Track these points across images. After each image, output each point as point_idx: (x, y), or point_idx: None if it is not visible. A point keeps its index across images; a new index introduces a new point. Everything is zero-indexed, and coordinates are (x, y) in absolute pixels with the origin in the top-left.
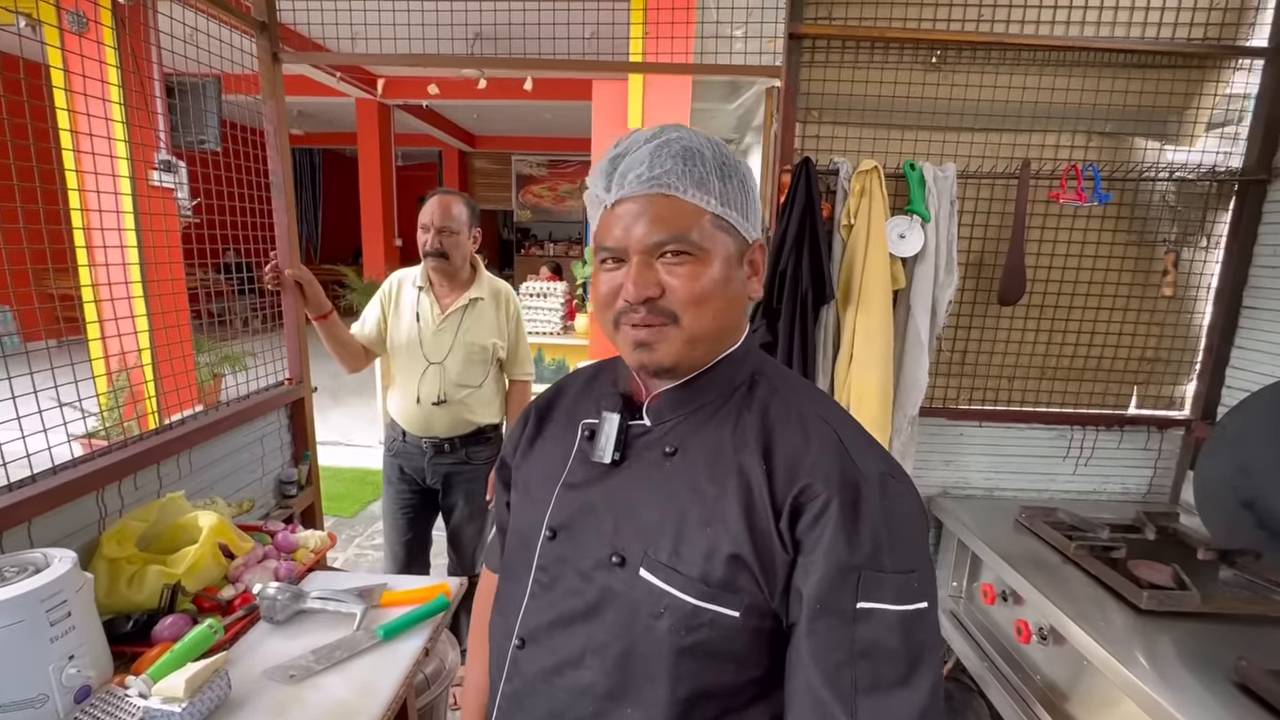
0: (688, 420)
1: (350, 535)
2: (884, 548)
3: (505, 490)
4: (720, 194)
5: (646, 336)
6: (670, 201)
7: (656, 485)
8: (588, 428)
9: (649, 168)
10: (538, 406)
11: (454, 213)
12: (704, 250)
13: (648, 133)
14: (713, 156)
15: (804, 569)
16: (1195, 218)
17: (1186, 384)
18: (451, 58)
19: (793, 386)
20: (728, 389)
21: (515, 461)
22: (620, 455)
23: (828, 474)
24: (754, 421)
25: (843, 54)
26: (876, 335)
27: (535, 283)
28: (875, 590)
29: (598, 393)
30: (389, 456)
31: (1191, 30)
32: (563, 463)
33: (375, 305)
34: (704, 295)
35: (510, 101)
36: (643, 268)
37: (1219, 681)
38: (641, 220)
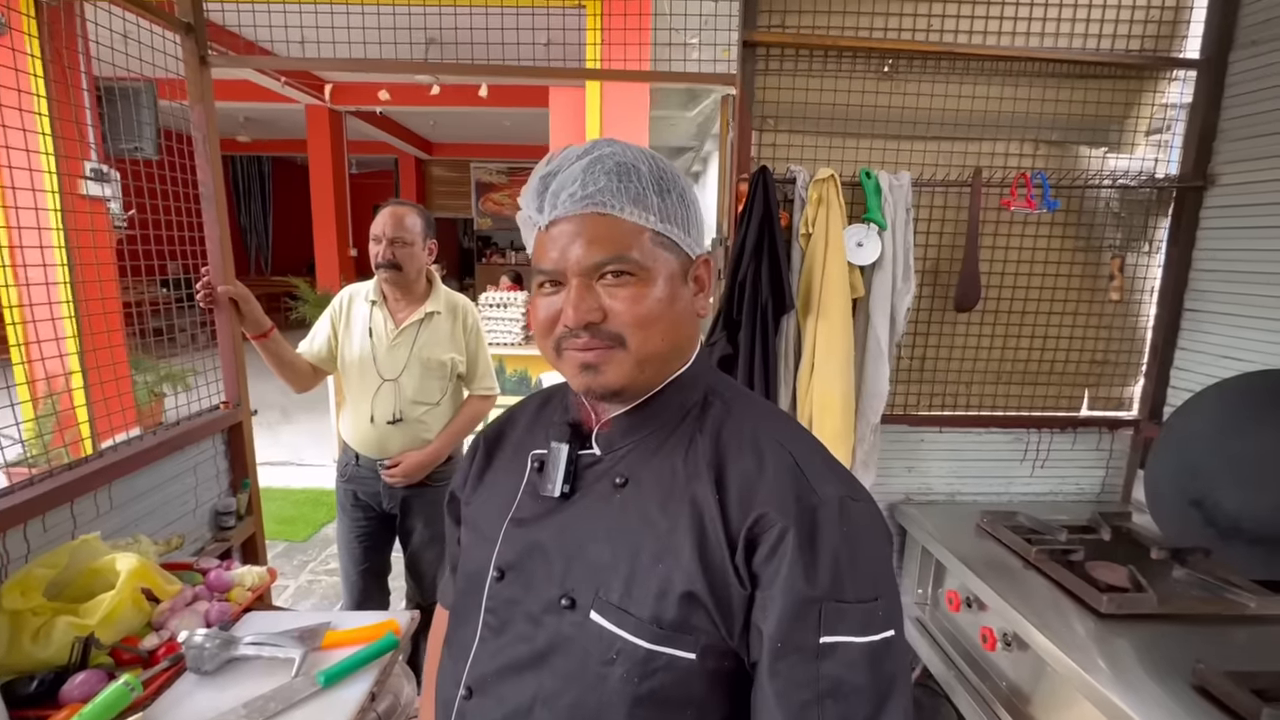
0: (639, 448)
1: (303, 560)
2: (845, 576)
3: (456, 525)
4: (659, 210)
5: (593, 358)
6: (607, 220)
7: (608, 519)
8: (537, 459)
9: (581, 186)
10: (486, 437)
11: (407, 223)
12: (646, 269)
13: (579, 149)
14: (649, 171)
15: (762, 605)
16: (1138, 223)
17: (1134, 385)
18: (400, 63)
19: (747, 407)
20: (679, 412)
21: (465, 495)
22: (570, 487)
23: (783, 502)
24: (706, 447)
25: (796, 62)
26: (837, 344)
27: (496, 293)
28: (839, 623)
29: (548, 421)
30: (341, 482)
31: (1130, 41)
32: (511, 497)
33: (325, 321)
34: (649, 316)
35: (467, 108)
36: (582, 291)
37: (1178, 684)
38: (578, 241)
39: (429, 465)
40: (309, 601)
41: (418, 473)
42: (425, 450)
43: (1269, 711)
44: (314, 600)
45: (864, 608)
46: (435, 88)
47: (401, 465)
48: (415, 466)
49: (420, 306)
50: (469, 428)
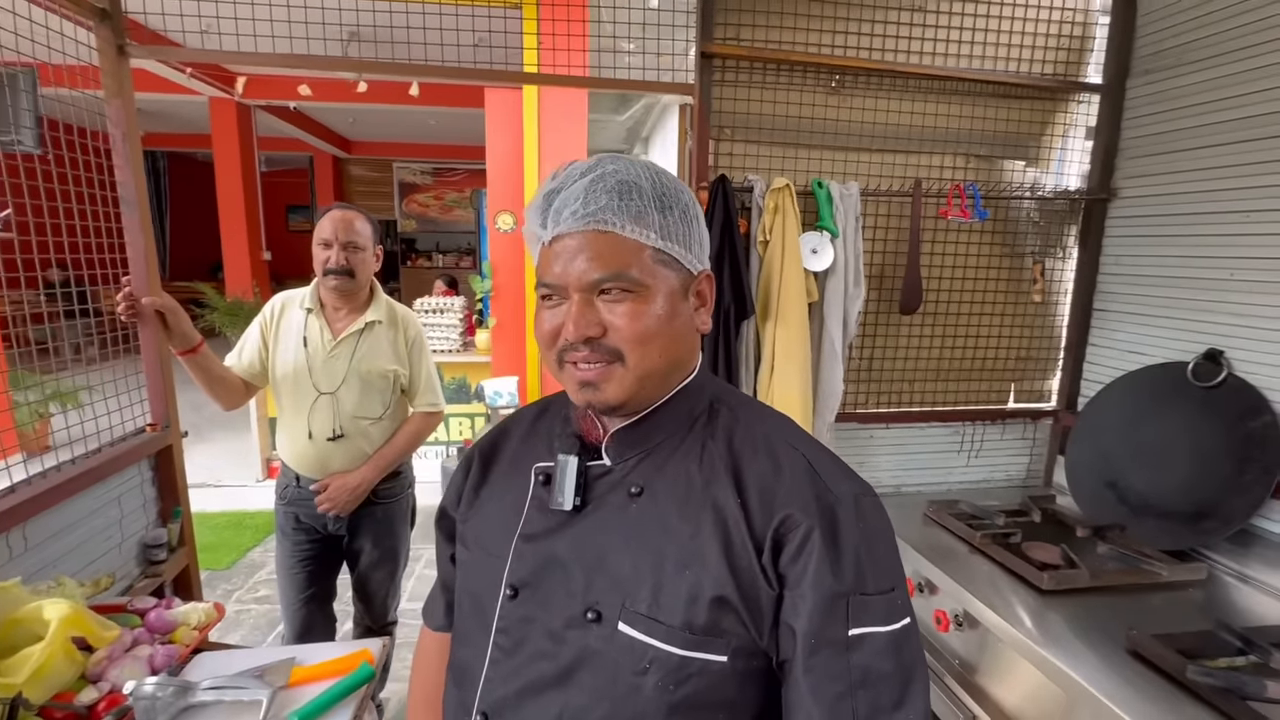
0: (651, 456)
1: (227, 590)
2: (866, 570)
3: (448, 543)
4: (660, 227)
5: (593, 376)
6: (608, 238)
7: (626, 529)
8: (541, 472)
9: (584, 204)
10: (481, 450)
11: (358, 227)
12: (645, 286)
13: (583, 165)
14: (651, 189)
15: (792, 604)
16: (1055, 231)
17: (1053, 379)
18: (327, 59)
19: (754, 412)
20: (687, 420)
21: (460, 513)
22: (582, 500)
23: (805, 502)
24: (720, 452)
25: (751, 74)
26: (795, 347)
27: (430, 299)
28: (864, 614)
29: (548, 433)
30: (281, 505)
31: (1045, 66)
32: (517, 512)
33: (254, 332)
34: (648, 333)
35: (390, 106)
36: (583, 306)
37: (1113, 649)
38: (579, 257)
39: (360, 491)
40: (238, 634)
41: (346, 499)
42: (355, 473)
43: (1193, 668)
44: (243, 632)
45: (885, 598)
46: (362, 84)
47: (329, 490)
48: (341, 491)
49: (360, 316)
50: (409, 447)
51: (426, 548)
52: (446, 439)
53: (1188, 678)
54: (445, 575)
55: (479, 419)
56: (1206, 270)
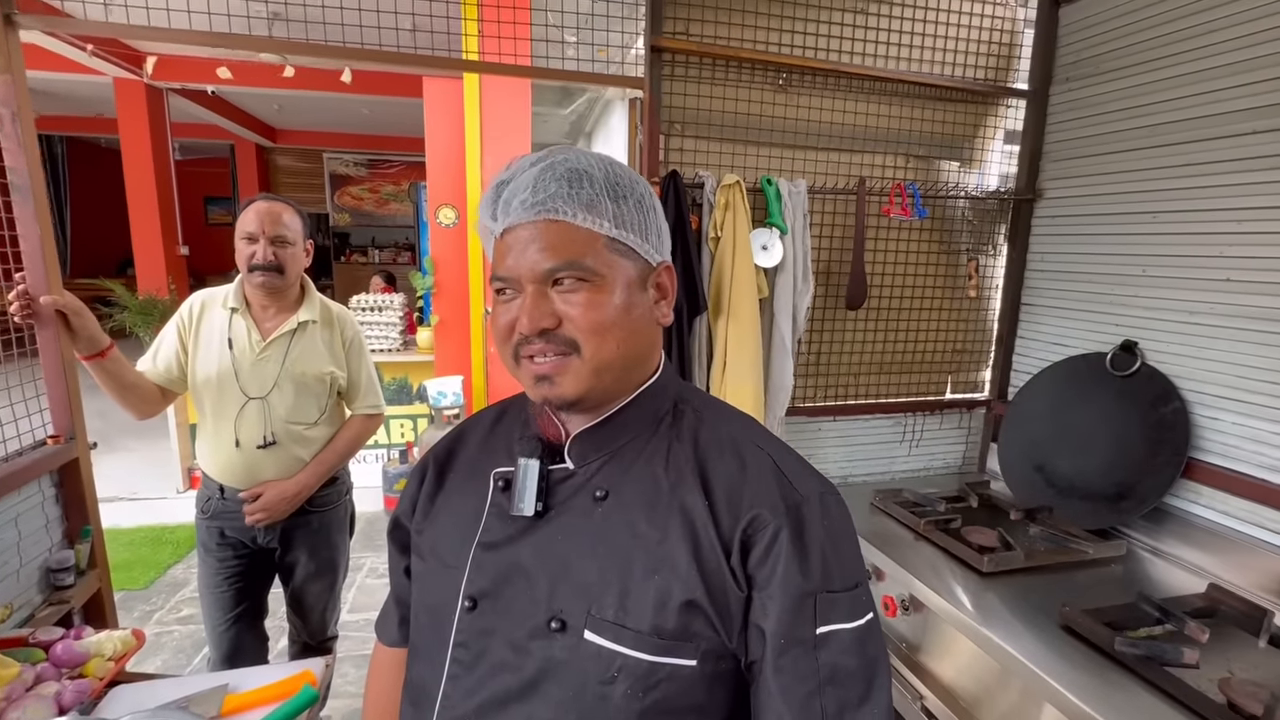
0: (615, 459)
1: (146, 610)
2: (832, 567)
3: (402, 555)
4: (614, 216)
5: (548, 369)
6: (559, 227)
7: (591, 535)
8: (501, 477)
9: (533, 193)
10: (436, 456)
11: (286, 220)
12: (600, 276)
13: (533, 157)
14: (604, 177)
15: (761, 605)
16: (987, 230)
17: (985, 370)
18: (245, 39)
19: (718, 413)
20: (652, 421)
21: (415, 523)
22: (544, 505)
23: (772, 502)
24: (686, 453)
25: (700, 70)
26: (747, 343)
27: (368, 296)
28: (831, 612)
29: (507, 436)
30: (204, 520)
31: (978, 71)
32: (475, 520)
33: (170, 334)
34: (604, 323)
35: (320, 93)
36: (537, 297)
37: (1049, 624)
38: (531, 247)
39: (297, 499)
40: (159, 658)
41: (282, 508)
42: (293, 480)
43: (1120, 640)
44: (165, 656)
45: (850, 595)
46: (289, 69)
47: (263, 498)
48: (278, 500)
49: (292, 315)
50: (349, 451)
51: (368, 556)
52: (388, 441)
53: (1115, 649)
54: (399, 589)
55: (422, 420)
56: (1122, 267)
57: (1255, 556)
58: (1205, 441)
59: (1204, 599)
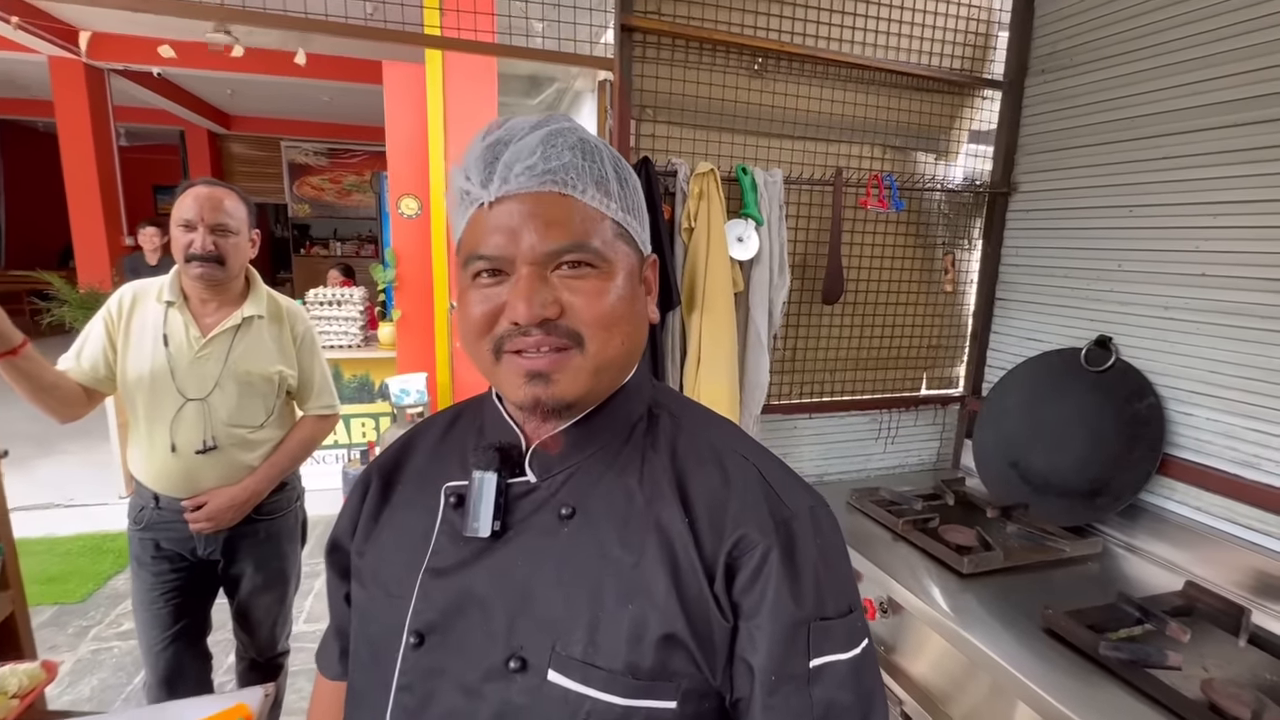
0: (583, 470)
1: (82, 626)
2: (826, 591)
3: (342, 580)
4: (620, 198)
5: (545, 365)
6: (567, 202)
7: (555, 559)
8: (453, 492)
9: (543, 159)
10: (381, 467)
11: (227, 207)
12: (607, 261)
13: (530, 119)
14: (609, 155)
15: (749, 636)
16: (962, 224)
17: (960, 365)
18: (176, 4)
19: (695, 417)
20: (626, 427)
21: (355, 544)
22: (501, 525)
23: (760, 520)
24: (663, 464)
25: (673, 52)
26: (722, 338)
27: (326, 289)
28: (825, 642)
29: (460, 445)
30: (137, 531)
31: (954, 60)
32: (424, 541)
33: (97, 329)
34: (612, 316)
35: (274, 78)
36: (535, 281)
37: (1029, 627)
38: (532, 223)
39: (246, 505)
40: (97, 677)
41: (230, 516)
42: (241, 486)
43: (1104, 644)
44: (104, 675)
45: (845, 621)
46: (237, 49)
47: (209, 505)
48: (227, 507)
49: (235, 310)
50: (302, 454)
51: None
52: (348, 441)
53: (1100, 654)
54: (339, 618)
55: (384, 419)
56: (1097, 261)
57: (1230, 553)
58: (1179, 437)
59: (1181, 597)
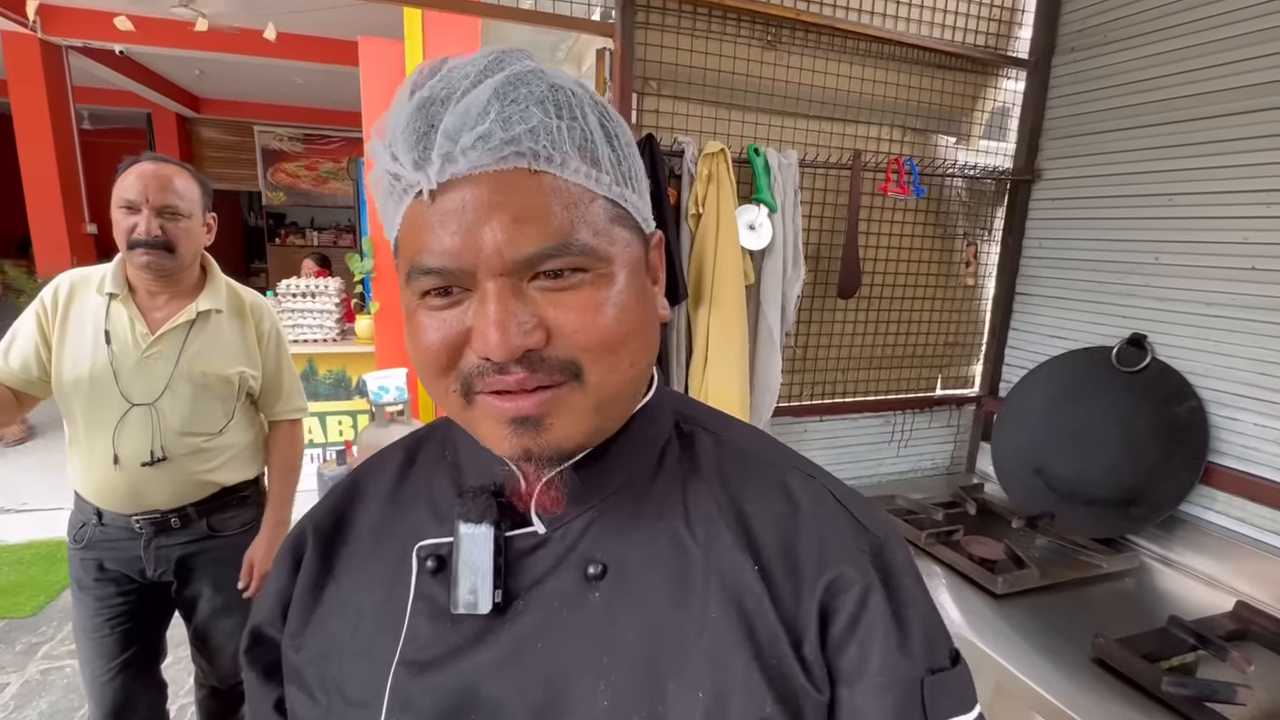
0: (608, 513)
1: (31, 643)
2: (934, 633)
3: (267, 684)
4: (612, 165)
5: (534, 408)
6: (542, 182)
7: (588, 636)
8: (429, 554)
9: (501, 123)
10: (317, 526)
11: (177, 186)
12: (604, 260)
13: (477, 60)
14: (591, 104)
15: (852, 709)
16: (983, 212)
17: (976, 364)
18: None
19: (736, 431)
20: (654, 453)
21: (287, 633)
22: (505, 594)
23: (852, 554)
24: (712, 495)
25: (679, 19)
26: (733, 335)
27: (299, 280)
28: (942, 698)
29: (428, 487)
30: (78, 550)
31: (977, 37)
32: (392, 625)
33: (28, 324)
34: (616, 333)
35: (244, 57)
36: (509, 298)
37: (1074, 655)
38: (496, 218)
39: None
40: (44, 701)
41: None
42: (262, 540)
43: (1168, 679)
44: (53, 698)
45: (958, 672)
46: (202, 22)
47: (255, 574)
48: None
49: (189, 303)
50: (298, 469)
51: None
52: (324, 440)
53: (1163, 690)
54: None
55: (362, 417)
56: (1130, 254)
57: (1279, 568)
58: (1222, 444)
59: (1234, 619)
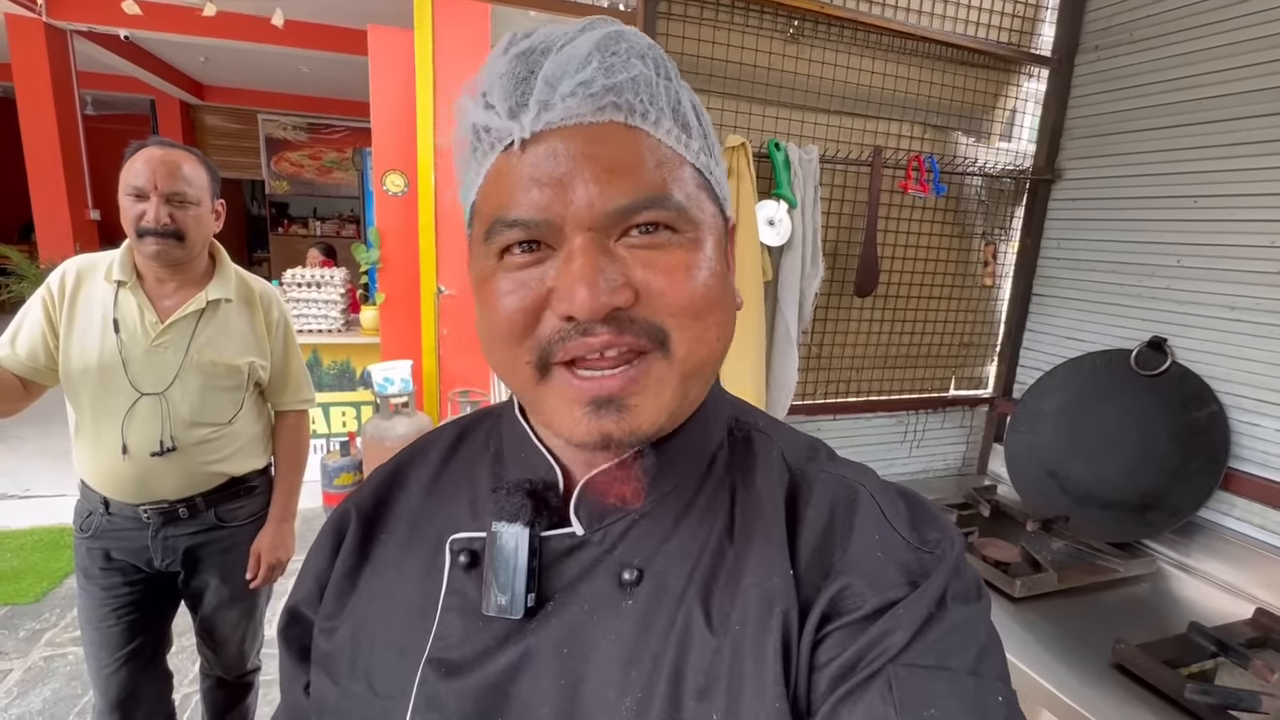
0: (651, 517)
1: (35, 630)
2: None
3: (300, 664)
4: (700, 135)
5: (619, 387)
6: (637, 138)
7: (617, 642)
8: (463, 548)
9: (604, 71)
10: (360, 508)
11: (186, 173)
12: (693, 224)
13: (574, 24)
14: (678, 76)
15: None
16: (1001, 212)
17: (990, 365)
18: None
19: (790, 439)
20: (705, 456)
21: (321, 615)
22: (538, 596)
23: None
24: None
25: (702, 9)
26: (750, 332)
27: (305, 270)
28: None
29: (469, 478)
30: (84, 540)
31: (1000, 34)
32: (422, 619)
33: (35, 312)
34: (706, 299)
35: (250, 44)
36: (596, 254)
37: (1094, 659)
38: (589, 169)
39: (290, 541)
40: (48, 688)
41: (284, 555)
42: (268, 531)
43: (1191, 686)
44: (56, 685)
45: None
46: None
47: (263, 562)
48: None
49: (198, 292)
50: (305, 460)
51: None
52: (327, 431)
53: (1186, 698)
54: (294, 715)
55: (366, 408)
56: (1151, 256)
57: None
58: (1242, 449)
59: (1254, 627)
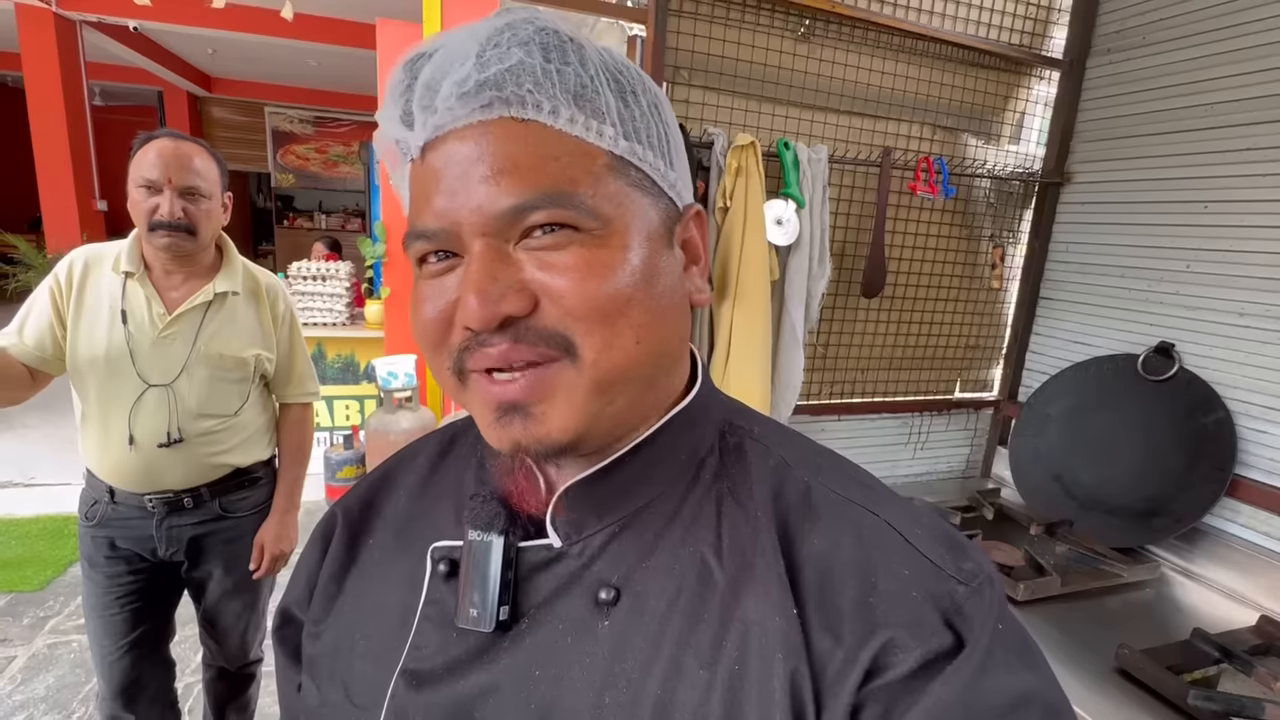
0: (629, 530)
1: (39, 617)
2: None
3: (295, 667)
4: (623, 119)
5: (519, 394)
6: (528, 131)
7: (592, 665)
8: (443, 556)
9: (478, 65)
10: (348, 512)
11: (198, 166)
12: (603, 219)
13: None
14: (599, 59)
15: None
16: (1009, 215)
17: (995, 368)
18: None
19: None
20: (690, 466)
21: (312, 620)
22: (512, 610)
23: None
24: (754, 519)
25: (713, 7)
26: (756, 332)
27: (310, 263)
28: None
29: (455, 483)
30: (90, 529)
31: (1012, 35)
32: (401, 627)
33: (43, 301)
34: (613, 299)
35: (258, 37)
36: (490, 260)
37: (1097, 663)
38: (478, 170)
39: (293, 532)
40: (52, 675)
41: (287, 546)
42: (272, 523)
43: (1194, 692)
44: (60, 672)
45: None
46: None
47: (266, 555)
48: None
49: (206, 284)
50: (309, 452)
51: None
52: (331, 424)
53: (1189, 703)
54: (293, 712)
55: (370, 402)
56: (1160, 261)
57: None
58: (1249, 456)
59: (1258, 634)
